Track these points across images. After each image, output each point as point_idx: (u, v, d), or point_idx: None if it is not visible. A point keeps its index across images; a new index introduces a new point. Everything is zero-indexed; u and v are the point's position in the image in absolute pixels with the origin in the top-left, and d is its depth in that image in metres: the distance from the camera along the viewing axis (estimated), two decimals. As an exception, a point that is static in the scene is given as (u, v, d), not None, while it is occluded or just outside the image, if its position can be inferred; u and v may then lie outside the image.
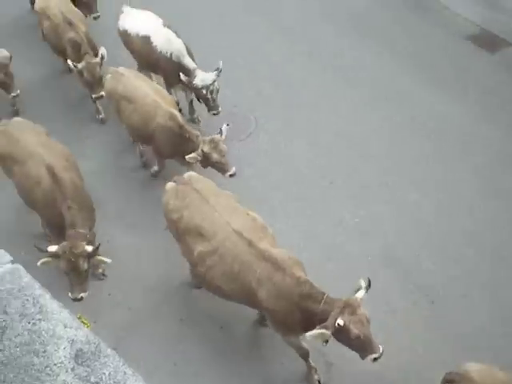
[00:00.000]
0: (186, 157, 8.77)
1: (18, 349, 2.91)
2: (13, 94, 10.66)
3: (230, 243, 7.18)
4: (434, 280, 8.74)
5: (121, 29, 10.89)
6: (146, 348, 8.24)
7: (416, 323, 7.82)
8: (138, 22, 10.66)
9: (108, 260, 7.79)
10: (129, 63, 10.75)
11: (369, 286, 6.60)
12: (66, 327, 2.98)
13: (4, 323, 2.96)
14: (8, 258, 3.15)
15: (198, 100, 10.20)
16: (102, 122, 11.14)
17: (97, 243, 7.80)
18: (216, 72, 9.78)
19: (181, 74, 9.76)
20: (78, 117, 11.26)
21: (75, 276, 7.64)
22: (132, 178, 10.34)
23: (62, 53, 11.10)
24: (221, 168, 8.88)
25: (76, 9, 11.48)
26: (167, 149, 9.37)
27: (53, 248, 7.58)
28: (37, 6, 11.55)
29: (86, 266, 7.64)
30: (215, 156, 8.76)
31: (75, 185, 8.33)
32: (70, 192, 8.12)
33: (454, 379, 6.53)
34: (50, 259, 7.53)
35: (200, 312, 8.61)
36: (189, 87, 10.01)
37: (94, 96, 10.41)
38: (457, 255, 9.00)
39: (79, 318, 7.64)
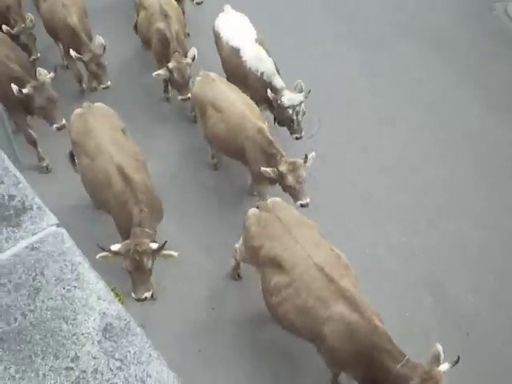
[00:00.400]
0: (262, 169, 8.48)
1: (48, 312, 2.89)
2: (102, 86, 10.43)
3: (309, 277, 6.85)
4: (472, 312, 8.54)
5: (215, 29, 10.64)
6: (173, 330, 8.26)
7: (449, 354, 7.65)
8: (232, 28, 10.34)
9: (175, 253, 7.51)
10: (218, 68, 10.55)
11: (457, 362, 6.13)
12: (99, 299, 2.96)
13: (39, 284, 2.95)
14: (54, 220, 3.14)
15: (279, 123, 9.86)
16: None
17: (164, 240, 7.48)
18: (304, 93, 9.46)
19: (268, 90, 9.49)
20: (155, 115, 11.12)
21: (139, 275, 7.41)
22: (201, 183, 10.12)
23: (148, 44, 10.86)
24: (294, 194, 8.54)
25: (174, 2, 11.22)
26: (258, 162, 8.83)
27: (116, 247, 7.36)
28: None
29: (150, 264, 7.42)
30: (290, 179, 8.42)
31: (147, 187, 8.11)
32: (142, 194, 7.87)
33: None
34: (109, 254, 7.32)
35: (233, 305, 8.58)
36: (274, 106, 9.66)
37: (180, 98, 10.20)
38: (500, 295, 8.78)
39: (113, 290, 7.72)
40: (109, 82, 10.40)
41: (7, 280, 2.95)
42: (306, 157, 8.50)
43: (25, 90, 9.35)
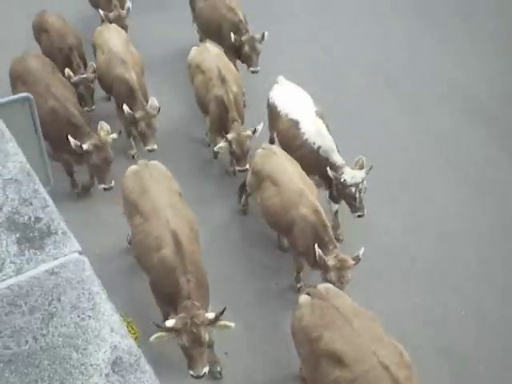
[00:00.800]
0: (317, 250, 8.02)
1: (60, 339, 2.87)
2: (148, 148, 10.15)
3: (374, 376, 6.45)
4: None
5: (270, 101, 10.33)
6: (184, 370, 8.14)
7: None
8: (291, 101, 10.10)
9: (232, 324, 7.18)
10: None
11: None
12: (112, 331, 2.93)
13: (54, 310, 2.94)
14: (77, 247, 3.14)
15: (334, 200, 9.55)
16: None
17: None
18: (366, 170, 9.15)
19: (329, 169, 9.13)
20: (207, 177, 10.77)
21: (196, 349, 7.00)
22: (252, 257, 9.67)
23: (206, 110, 10.52)
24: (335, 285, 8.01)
25: (232, 66, 11.01)
26: (304, 243, 8.49)
27: (171, 322, 6.96)
28: (190, 58, 11.02)
29: (207, 336, 7.07)
30: (333, 276, 8.01)
31: (197, 260, 7.80)
32: (192, 266, 7.53)
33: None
34: (164, 334, 6.94)
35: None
36: (328, 181, 9.34)
37: (238, 169, 10.02)
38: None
39: (129, 324, 7.68)
40: (155, 146, 10.11)
41: (23, 302, 2.94)
42: (358, 256, 8.07)
43: (84, 146, 9.23)
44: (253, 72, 11.36)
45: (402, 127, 11.86)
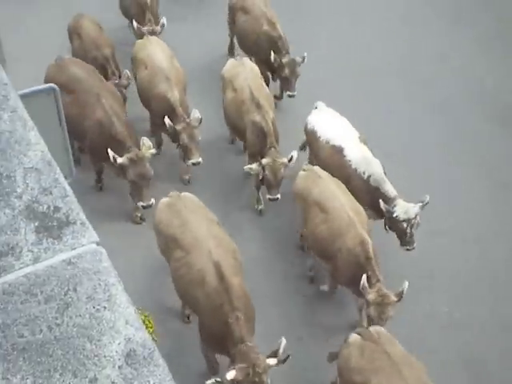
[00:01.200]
0: (363, 284, 7.75)
1: (74, 329, 2.86)
2: (192, 161, 9.81)
3: None
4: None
5: (309, 126, 9.85)
6: (199, 366, 8.12)
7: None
8: (331, 127, 9.62)
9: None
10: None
11: None
12: (127, 323, 2.91)
13: (70, 300, 2.93)
14: (95, 237, 3.13)
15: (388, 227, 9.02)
16: (260, 213, 10.19)
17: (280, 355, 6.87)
18: (421, 204, 8.70)
19: (381, 201, 8.69)
20: (237, 204, 10.36)
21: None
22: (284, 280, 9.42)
23: (241, 134, 10.16)
24: (368, 320, 8.00)
25: (265, 86, 10.58)
26: (346, 274, 8.33)
27: (232, 374, 6.62)
28: (225, 71, 10.61)
29: (269, 382, 6.82)
30: (373, 312, 7.79)
31: (244, 292, 7.48)
32: (240, 301, 7.24)
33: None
34: None
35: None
36: (387, 217, 8.88)
37: (268, 197, 9.62)
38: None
39: (146, 317, 7.68)
40: (199, 159, 9.77)
41: (39, 290, 2.94)
42: (402, 292, 7.91)
43: (119, 160, 9.03)
44: (290, 96, 11.10)
45: (430, 130, 11.74)
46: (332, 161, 9.31)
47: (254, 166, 9.46)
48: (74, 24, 11.37)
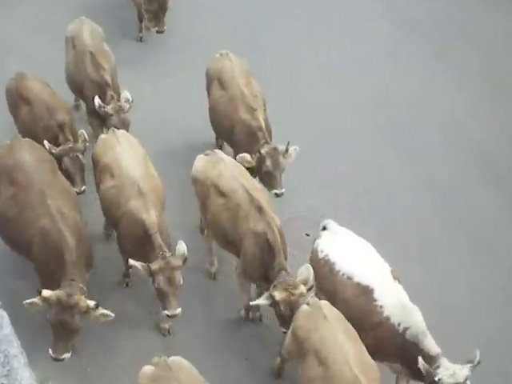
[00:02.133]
0: None
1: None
2: (168, 314, 7.54)
3: None
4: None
5: (320, 255, 7.79)
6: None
7: None
8: (355, 257, 7.68)
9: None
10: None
11: None
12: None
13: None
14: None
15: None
16: None
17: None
18: (470, 365, 6.85)
19: (420, 360, 6.85)
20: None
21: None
22: None
23: (235, 250, 8.00)
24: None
25: (256, 182, 8.61)
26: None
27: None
28: (199, 172, 8.47)
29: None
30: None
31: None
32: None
33: None
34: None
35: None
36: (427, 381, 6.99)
37: (283, 331, 7.48)
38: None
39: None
40: (178, 310, 7.51)
41: None
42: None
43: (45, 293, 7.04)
44: (277, 195, 8.84)
45: (398, 175, 10.85)
46: (356, 304, 7.41)
47: (263, 301, 7.44)
48: (16, 86, 9.27)
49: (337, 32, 13.36)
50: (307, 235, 9.08)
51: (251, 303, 7.62)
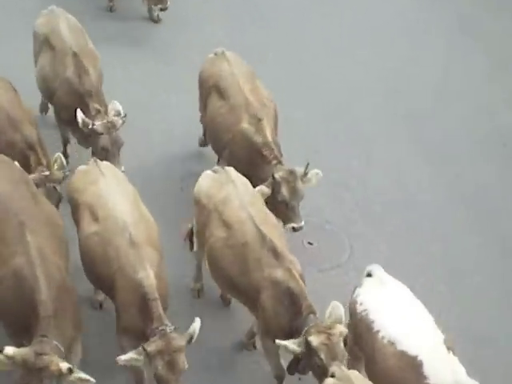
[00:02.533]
0: None
1: None
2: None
3: None
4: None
5: (359, 308, 6.50)
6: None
7: None
8: (400, 318, 6.45)
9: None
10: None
11: None
12: None
13: None
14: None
15: None
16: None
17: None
18: None
19: None
20: None
21: None
22: None
23: (241, 297, 7.05)
24: None
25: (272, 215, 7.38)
26: None
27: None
28: (203, 193, 7.23)
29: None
30: None
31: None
32: None
33: None
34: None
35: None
36: None
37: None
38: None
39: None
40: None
41: None
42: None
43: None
44: (294, 230, 7.75)
45: (417, 175, 10.04)
46: (400, 377, 6.27)
47: (294, 345, 6.21)
48: None
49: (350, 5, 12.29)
50: (310, 244, 8.44)
51: (277, 342, 6.17)
